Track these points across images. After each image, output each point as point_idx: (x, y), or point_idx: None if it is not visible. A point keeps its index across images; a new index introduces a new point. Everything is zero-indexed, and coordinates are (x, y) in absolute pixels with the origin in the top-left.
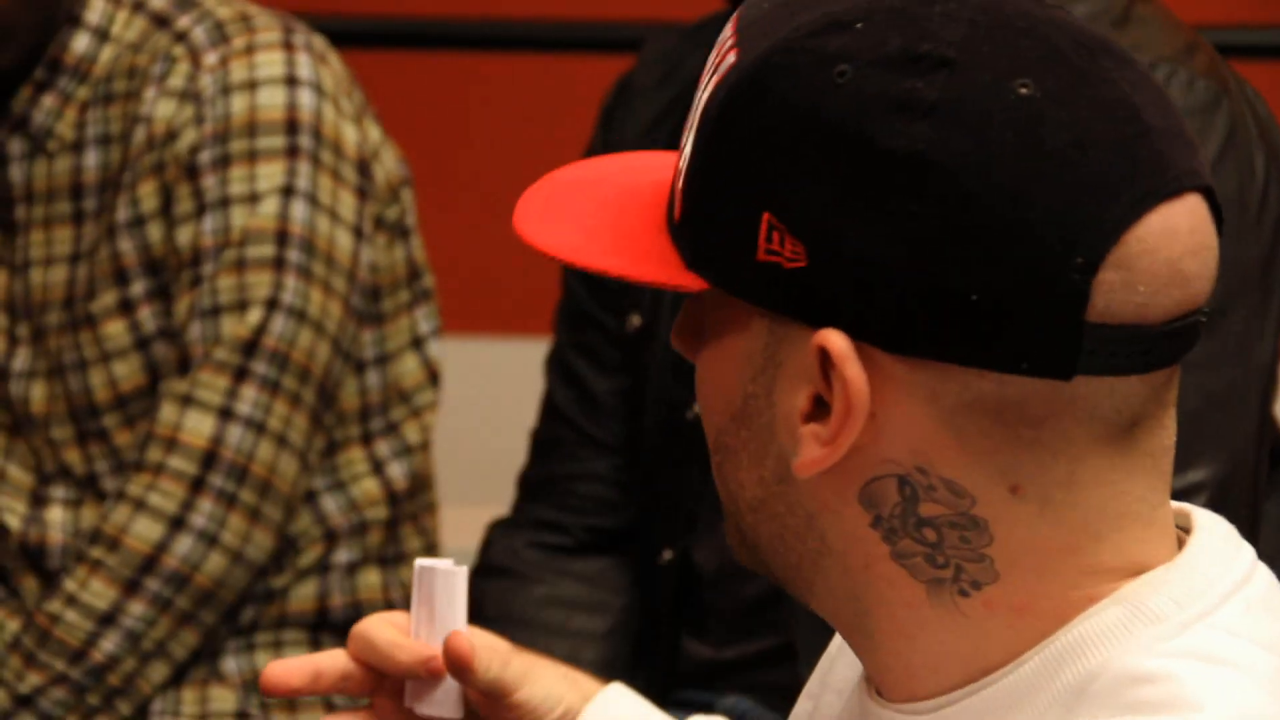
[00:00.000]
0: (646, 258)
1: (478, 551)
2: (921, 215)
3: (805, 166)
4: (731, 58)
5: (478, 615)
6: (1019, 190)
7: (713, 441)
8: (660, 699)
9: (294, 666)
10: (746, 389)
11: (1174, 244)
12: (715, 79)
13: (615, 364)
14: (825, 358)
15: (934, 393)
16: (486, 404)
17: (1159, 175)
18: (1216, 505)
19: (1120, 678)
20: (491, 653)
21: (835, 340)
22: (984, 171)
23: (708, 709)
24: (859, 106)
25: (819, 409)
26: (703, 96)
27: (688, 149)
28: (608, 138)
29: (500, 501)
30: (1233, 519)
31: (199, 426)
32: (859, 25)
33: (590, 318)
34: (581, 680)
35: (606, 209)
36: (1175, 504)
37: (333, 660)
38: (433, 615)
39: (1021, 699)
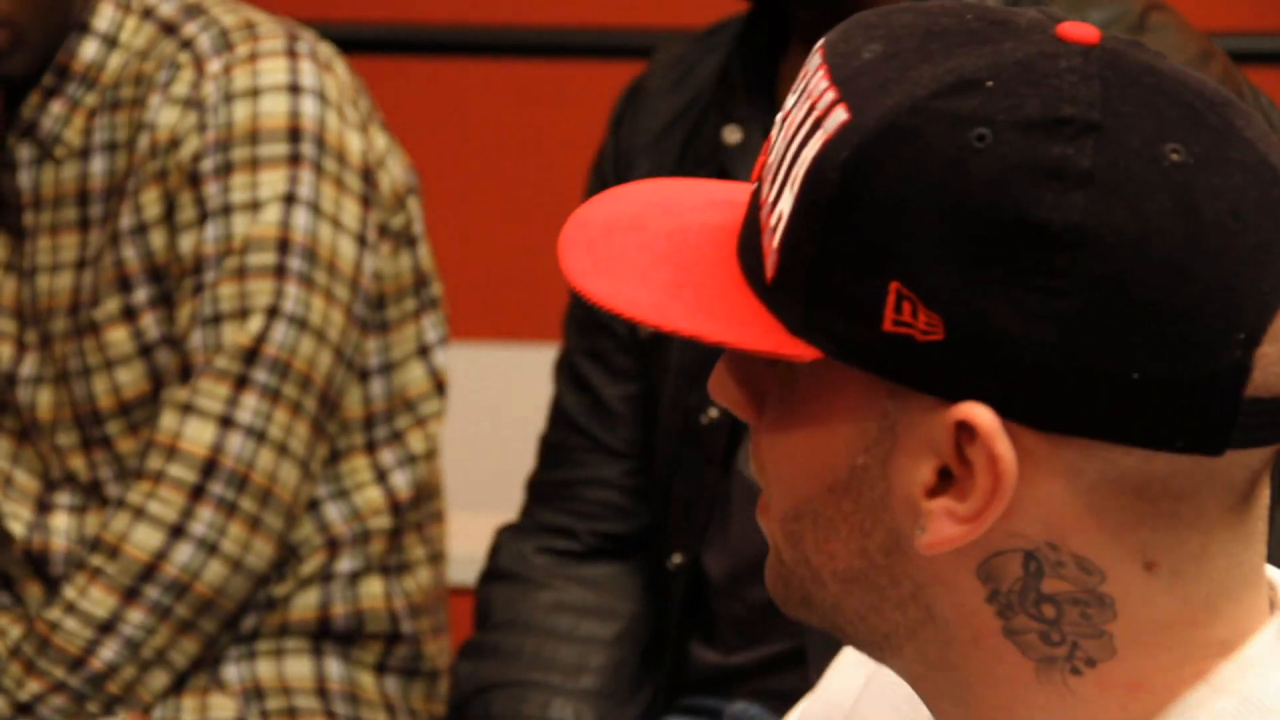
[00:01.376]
0: (741, 322)
1: (486, 557)
2: (1074, 291)
3: (942, 236)
4: (842, 114)
5: (485, 622)
6: (1180, 266)
7: (791, 509)
8: (668, 704)
9: None
10: (855, 460)
11: None
12: (824, 137)
13: (625, 370)
14: (964, 431)
15: (1075, 469)
16: (495, 410)
17: None
18: None
19: None
20: None
21: (983, 416)
22: (1143, 246)
23: (715, 715)
24: (1003, 174)
25: (942, 483)
26: (805, 153)
27: (786, 207)
28: (618, 143)
29: (508, 508)
30: None
31: (199, 435)
32: (989, 84)
33: (600, 324)
34: None
35: (667, 261)
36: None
37: None
38: None
39: None
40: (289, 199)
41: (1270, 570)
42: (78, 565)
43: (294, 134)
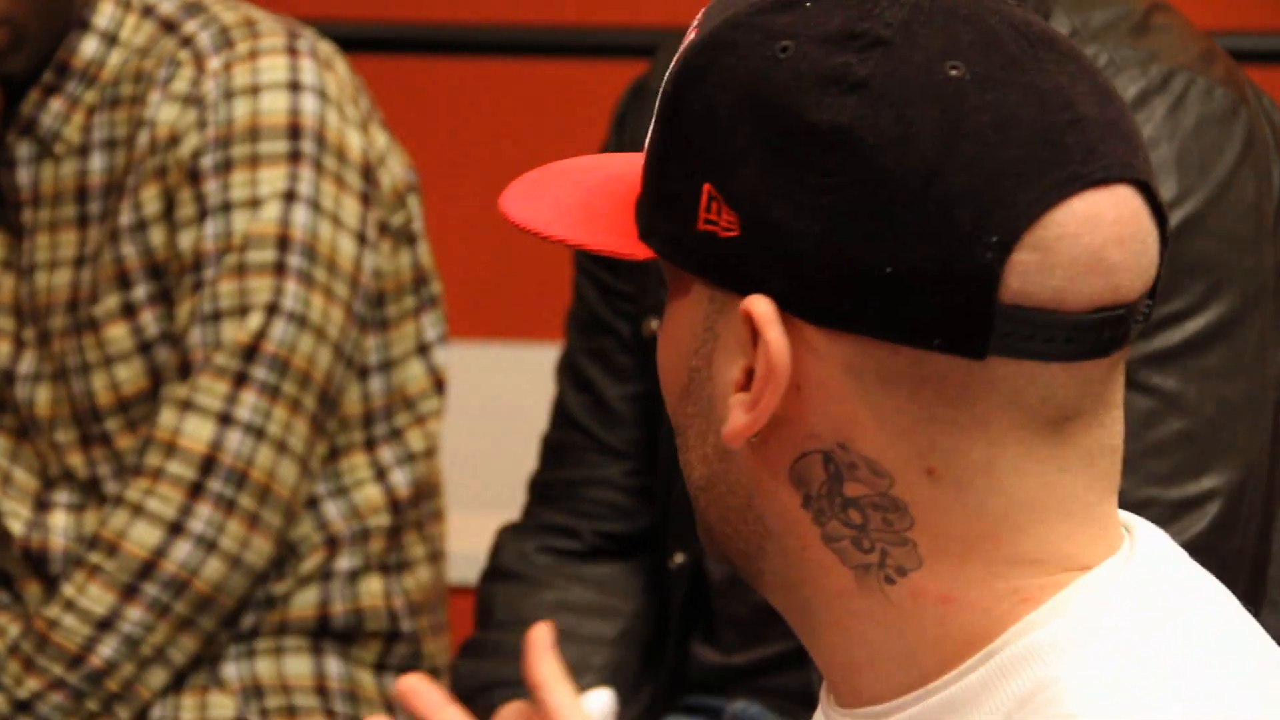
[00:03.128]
0: (606, 230)
1: (487, 556)
2: (840, 188)
3: (743, 138)
4: (691, 36)
5: (487, 621)
6: (934, 168)
7: (671, 422)
8: (669, 704)
9: None
10: (691, 363)
11: (1096, 231)
12: (677, 57)
13: (627, 370)
14: (750, 325)
15: (853, 366)
16: (494, 409)
17: (1085, 163)
18: (1229, 513)
19: (1060, 693)
20: None
21: (759, 305)
22: (902, 148)
23: (716, 715)
24: (794, 81)
25: (748, 381)
26: (669, 72)
27: (651, 127)
28: (620, 141)
29: (509, 507)
30: (1245, 528)
31: (198, 431)
32: (808, 4)
33: (603, 323)
34: None
35: (585, 190)
36: (1122, 514)
37: None
38: None
39: (966, 707)
40: (289, 196)
41: (1126, 516)
42: (76, 563)
43: (294, 131)
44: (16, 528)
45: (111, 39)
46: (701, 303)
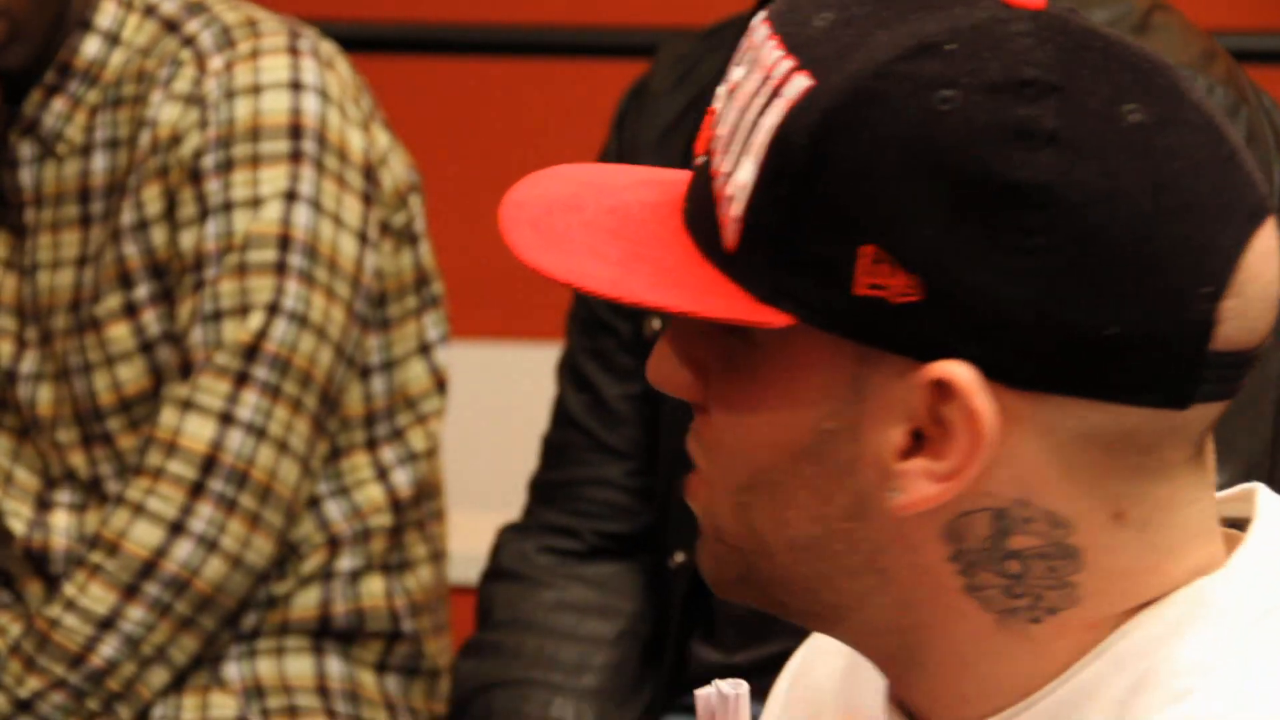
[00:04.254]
0: (704, 292)
1: (488, 556)
2: (1049, 249)
3: (916, 197)
4: (803, 81)
5: (487, 621)
6: (1146, 221)
7: (746, 479)
8: (669, 703)
9: None
10: (822, 425)
11: (1268, 268)
12: (785, 104)
13: (628, 369)
14: (940, 390)
15: (1050, 426)
16: (496, 409)
17: (1254, 197)
18: None
19: (1173, 669)
20: None
21: (961, 373)
22: (1111, 204)
23: None
24: (971, 135)
25: (914, 444)
26: (764, 121)
27: (747, 176)
28: (621, 141)
29: (510, 507)
30: None
31: (199, 431)
32: (948, 48)
33: (603, 323)
34: None
35: (616, 237)
36: (1233, 491)
37: None
38: None
39: (1080, 706)
40: (290, 196)
41: (1244, 496)
42: (77, 562)
43: (295, 131)
44: (18, 527)
45: (113, 39)
46: (843, 363)
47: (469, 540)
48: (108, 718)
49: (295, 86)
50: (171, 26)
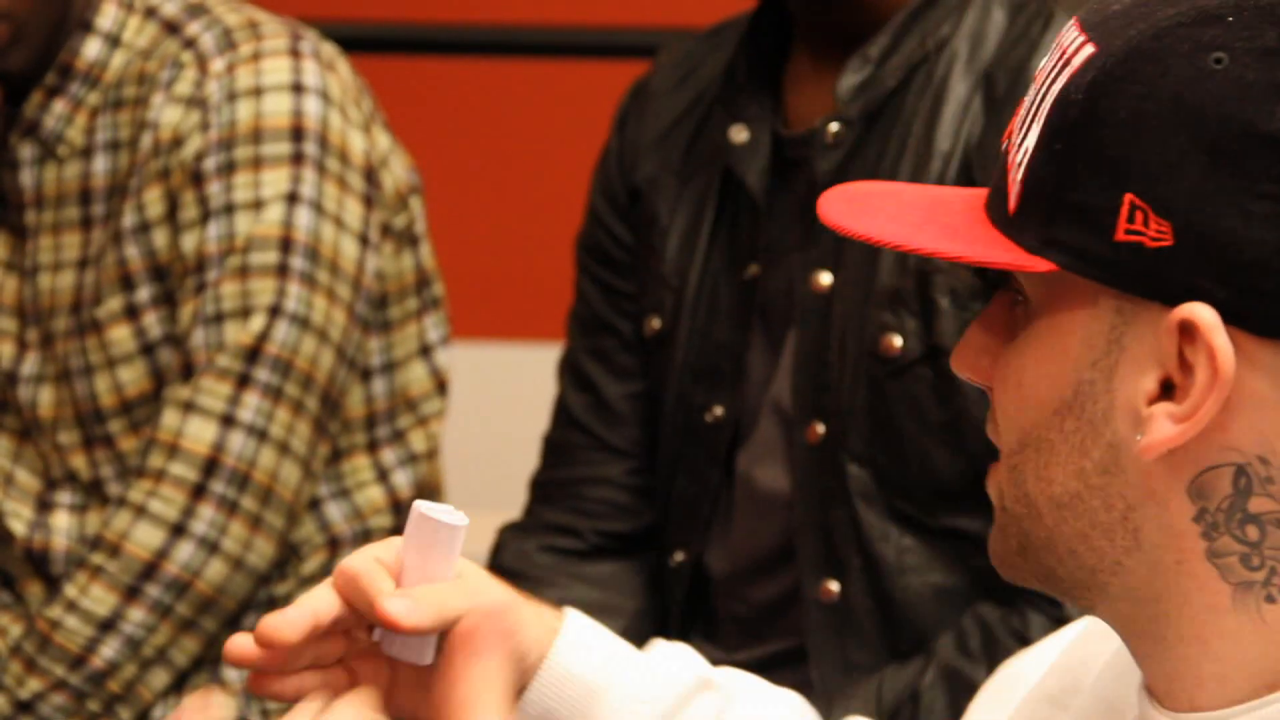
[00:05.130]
0: (985, 243)
1: (488, 556)
2: None
3: (1177, 147)
4: (1089, 49)
5: None
6: None
7: (1017, 441)
8: None
9: (292, 619)
10: (1082, 376)
11: None
12: (1070, 71)
13: (629, 369)
14: (1185, 333)
15: None
16: (496, 410)
17: None
18: None
19: None
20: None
21: (1203, 313)
22: None
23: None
24: (1239, 92)
25: (1165, 393)
26: (1053, 89)
27: (1031, 140)
28: (623, 141)
29: (510, 507)
30: None
31: (201, 433)
32: (1230, 19)
33: (604, 323)
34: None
35: (915, 209)
36: None
37: (326, 603)
38: (424, 564)
39: None
40: (292, 198)
41: None
42: (79, 564)
43: (297, 133)
44: (19, 528)
45: (114, 41)
46: (1105, 314)
47: (470, 541)
48: (109, 719)
49: (297, 89)
50: (172, 28)
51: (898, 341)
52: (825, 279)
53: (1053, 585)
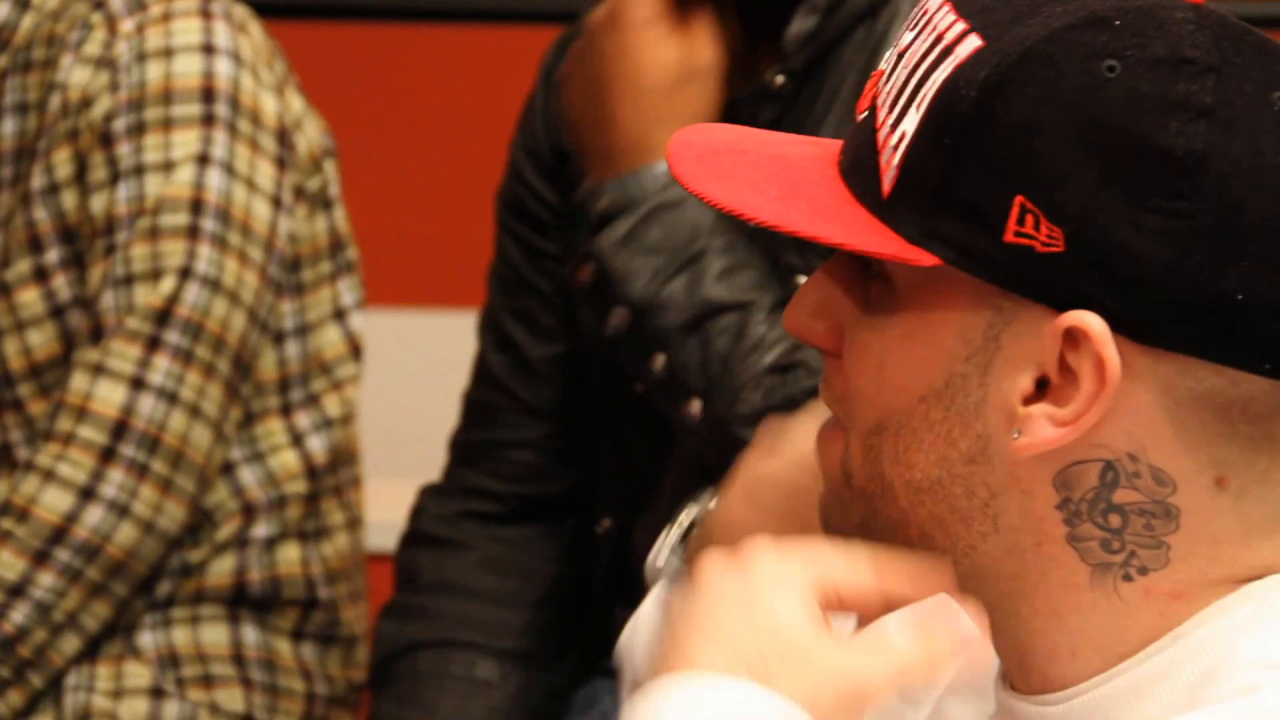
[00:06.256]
0: (859, 230)
1: (408, 518)
2: (1193, 214)
3: (1072, 155)
4: (975, 41)
5: (410, 584)
6: None
7: (875, 421)
8: (594, 667)
9: None
10: (954, 369)
11: None
12: (956, 61)
13: (551, 329)
14: (1070, 339)
15: (1169, 384)
16: (412, 376)
17: None
18: None
19: (1244, 663)
20: None
21: (1094, 322)
22: (1257, 178)
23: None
24: (1132, 103)
25: (1038, 391)
26: (935, 76)
27: (910, 126)
28: (549, 97)
29: (427, 474)
30: None
31: (110, 396)
32: (1116, 23)
33: (526, 283)
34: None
35: (776, 178)
36: None
37: None
38: None
39: (1150, 688)
40: (202, 159)
41: None
42: None
43: (208, 94)
44: None
45: (23, 3)
46: (982, 310)
47: (386, 507)
48: (20, 685)
49: (208, 50)
50: None
51: None
52: None
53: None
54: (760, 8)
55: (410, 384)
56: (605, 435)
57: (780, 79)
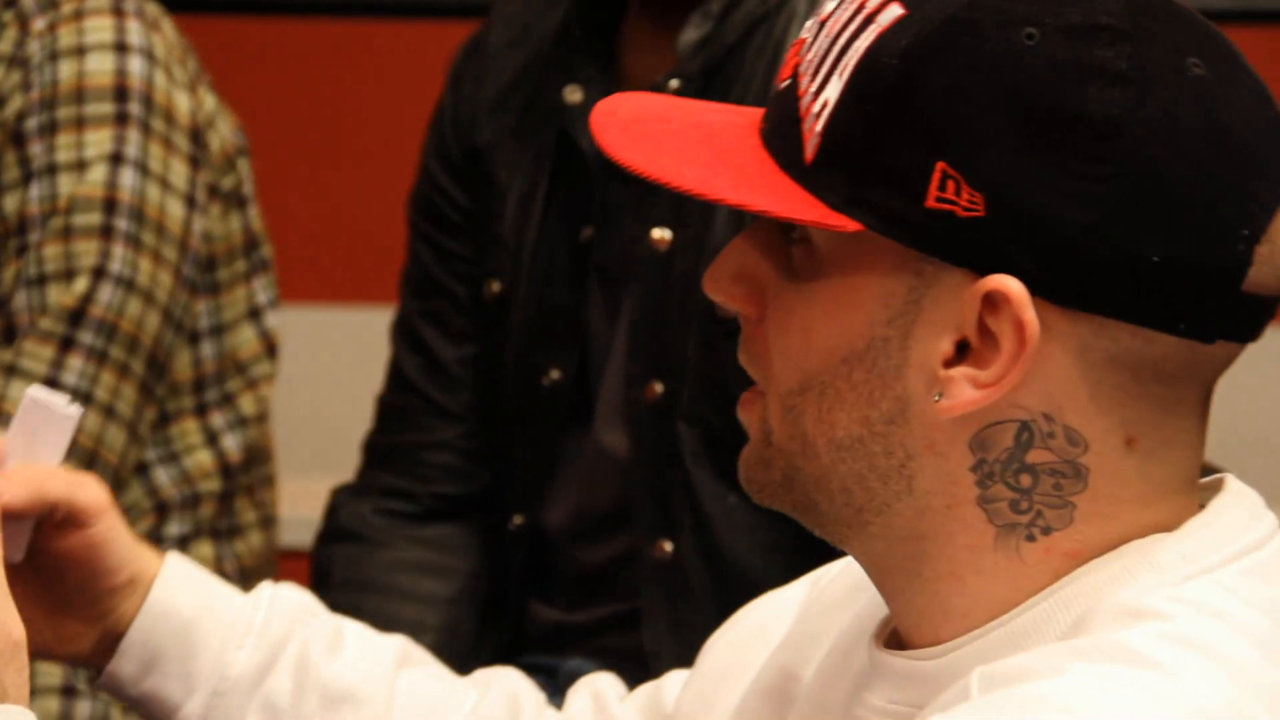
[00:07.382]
0: (783, 196)
1: (323, 517)
2: (1110, 178)
3: (993, 122)
4: (897, 9)
5: (325, 581)
6: (1202, 162)
7: (798, 383)
8: (507, 662)
9: None
10: (876, 332)
11: None
12: (878, 30)
13: (463, 332)
14: (989, 302)
15: (1085, 345)
16: (327, 374)
17: None
18: None
19: (1113, 611)
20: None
21: (1014, 286)
22: (1172, 143)
23: (552, 673)
24: (1051, 71)
25: (958, 354)
26: (857, 44)
27: (833, 94)
28: (458, 100)
29: (341, 472)
30: None
31: (23, 397)
32: None
33: (439, 285)
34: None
35: (701, 146)
36: (1217, 473)
37: None
38: (30, 450)
39: (1023, 640)
40: (116, 159)
41: (1218, 480)
42: None
43: (121, 93)
44: None
45: None
46: (903, 275)
47: (300, 505)
48: None
49: (120, 48)
50: None
51: None
52: (664, 235)
53: (810, 518)
54: (661, 12)
55: (324, 381)
56: (516, 433)
57: (675, 83)
